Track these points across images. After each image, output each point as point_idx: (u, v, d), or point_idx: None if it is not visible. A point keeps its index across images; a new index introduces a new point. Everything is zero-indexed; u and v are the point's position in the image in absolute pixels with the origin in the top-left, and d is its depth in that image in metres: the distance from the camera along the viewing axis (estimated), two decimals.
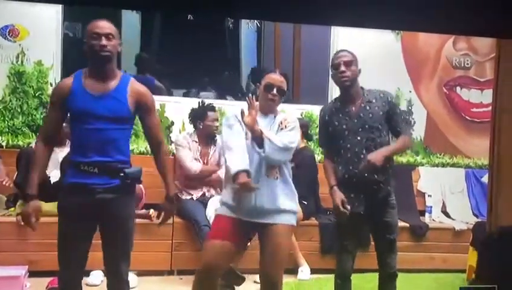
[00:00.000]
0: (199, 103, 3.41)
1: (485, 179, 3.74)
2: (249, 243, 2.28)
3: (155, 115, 2.04)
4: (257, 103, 2.03)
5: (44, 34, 3.65)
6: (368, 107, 2.22)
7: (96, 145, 1.88)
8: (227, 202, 2.08)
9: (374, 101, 2.23)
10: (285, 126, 2.08)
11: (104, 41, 1.86)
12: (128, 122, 1.97)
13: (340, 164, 2.25)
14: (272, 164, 2.04)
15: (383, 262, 2.31)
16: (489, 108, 2.60)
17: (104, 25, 1.90)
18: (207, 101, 3.47)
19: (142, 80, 2.10)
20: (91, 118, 1.87)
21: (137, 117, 2.01)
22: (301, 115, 4.02)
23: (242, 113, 1.99)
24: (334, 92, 4.05)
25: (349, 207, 2.17)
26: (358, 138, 2.20)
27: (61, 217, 1.95)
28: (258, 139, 1.98)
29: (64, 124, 2.00)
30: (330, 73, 2.31)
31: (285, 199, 2.07)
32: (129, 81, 1.96)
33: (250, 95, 2.06)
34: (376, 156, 2.12)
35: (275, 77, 2.09)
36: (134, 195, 2.05)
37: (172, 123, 3.87)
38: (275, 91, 2.07)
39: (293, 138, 2.06)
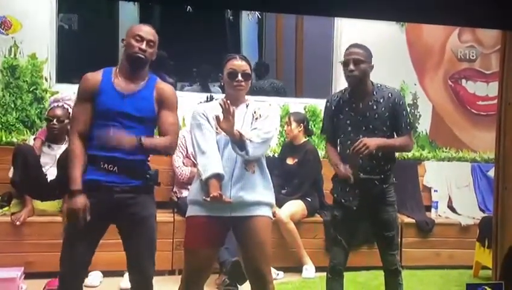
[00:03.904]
0: (207, 97, 3.33)
1: (491, 173, 3.70)
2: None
3: (174, 115, 2.00)
4: (233, 108, 1.95)
5: (38, 26, 3.54)
6: (374, 107, 2.19)
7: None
8: (198, 199, 1.99)
9: (381, 101, 2.20)
10: (260, 115, 2.04)
11: (144, 46, 1.90)
12: (153, 122, 1.97)
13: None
14: (253, 159, 1.99)
15: (384, 259, 2.32)
16: (495, 101, 2.55)
17: (149, 31, 1.95)
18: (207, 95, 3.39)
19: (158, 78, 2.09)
20: (116, 115, 1.87)
21: None
22: (304, 109, 3.95)
23: (217, 118, 1.92)
24: (338, 85, 3.98)
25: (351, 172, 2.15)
26: (361, 136, 2.17)
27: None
28: (238, 142, 1.93)
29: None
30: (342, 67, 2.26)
31: (263, 191, 2.03)
32: (156, 81, 1.99)
33: (224, 98, 1.99)
34: (370, 141, 2.11)
35: (237, 63, 2.03)
36: (154, 195, 2.03)
37: None
38: (239, 77, 2.01)
39: (268, 128, 2.02)
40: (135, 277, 2.01)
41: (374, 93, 2.21)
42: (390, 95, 2.22)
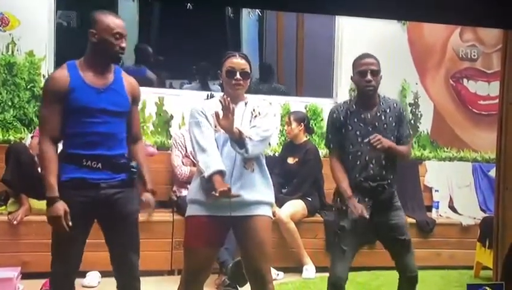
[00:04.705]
0: (208, 95, 3.30)
1: (492, 173, 3.68)
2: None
3: (138, 109, 2.09)
4: (233, 105, 1.92)
5: (36, 23, 3.51)
6: (383, 117, 2.22)
7: (99, 139, 1.87)
8: (198, 198, 1.98)
9: (388, 111, 2.23)
10: (259, 113, 2.02)
11: (124, 44, 1.90)
12: (126, 115, 1.98)
13: (346, 170, 2.23)
14: (252, 158, 1.98)
15: (402, 265, 2.26)
16: (497, 100, 2.54)
17: (123, 25, 1.94)
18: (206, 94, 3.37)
19: (134, 71, 2.06)
20: (95, 112, 1.86)
21: None
22: (305, 108, 3.92)
23: (217, 115, 1.90)
24: (339, 84, 3.97)
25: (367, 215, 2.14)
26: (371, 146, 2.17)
27: None
28: (237, 140, 1.91)
29: None
30: (351, 75, 2.25)
31: (263, 190, 2.01)
32: (121, 73, 1.99)
33: (224, 96, 1.97)
34: (384, 139, 2.14)
35: (236, 61, 2.00)
36: (137, 190, 2.01)
37: (172, 117, 3.74)
38: (238, 75, 1.98)
39: (267, 125, 2.01)
40: (123, 275, 1.98)
41: (381, 103, 2.24)
42: (395, 105, 2.27)
